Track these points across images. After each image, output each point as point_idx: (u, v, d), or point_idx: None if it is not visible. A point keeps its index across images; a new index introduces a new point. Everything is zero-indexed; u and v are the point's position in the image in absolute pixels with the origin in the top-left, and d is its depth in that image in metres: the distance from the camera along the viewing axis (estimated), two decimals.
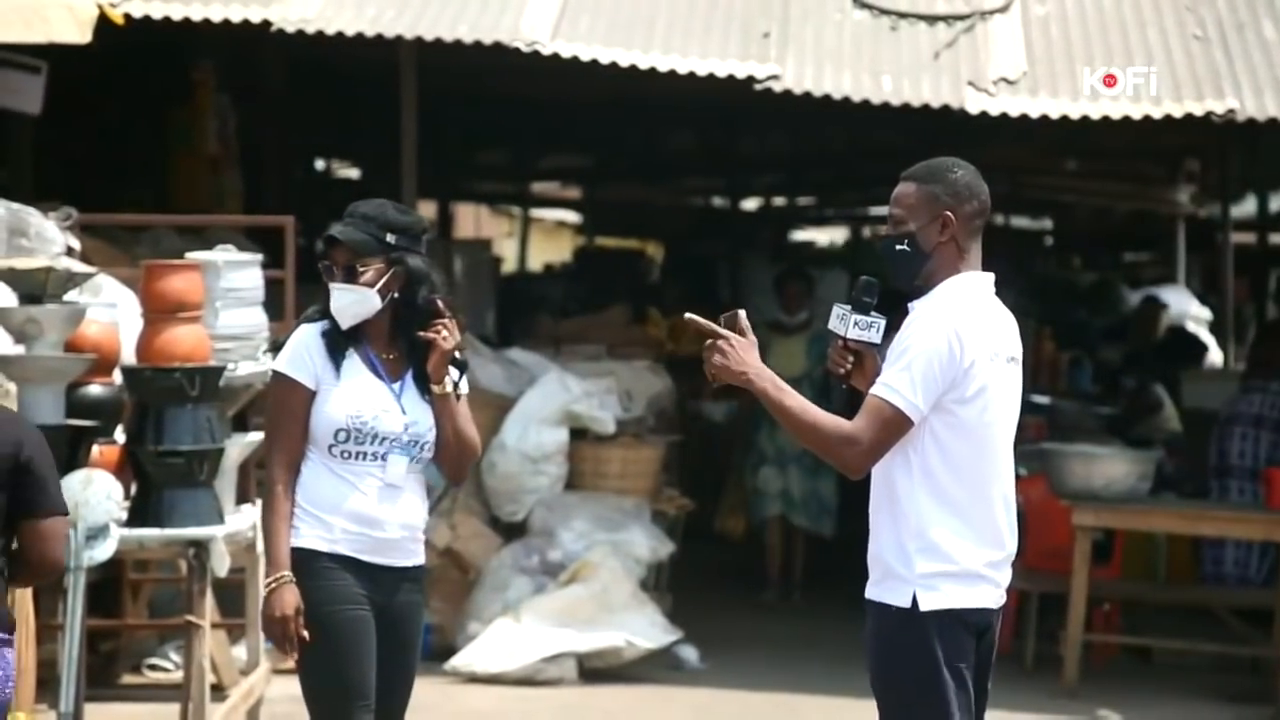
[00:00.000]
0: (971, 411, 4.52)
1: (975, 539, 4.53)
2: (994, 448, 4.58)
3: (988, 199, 4.66)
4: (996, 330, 4.60)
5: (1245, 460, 10.53)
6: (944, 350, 4.50)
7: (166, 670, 8.73)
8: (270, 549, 5.05)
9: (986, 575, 4.54)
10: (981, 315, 4.58)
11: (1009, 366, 4.60)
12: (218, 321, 7.29)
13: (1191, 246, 18.67)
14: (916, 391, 4.48)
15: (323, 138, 16.20)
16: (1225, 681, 9.62)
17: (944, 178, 4.66)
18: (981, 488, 4.56)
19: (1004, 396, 4.58)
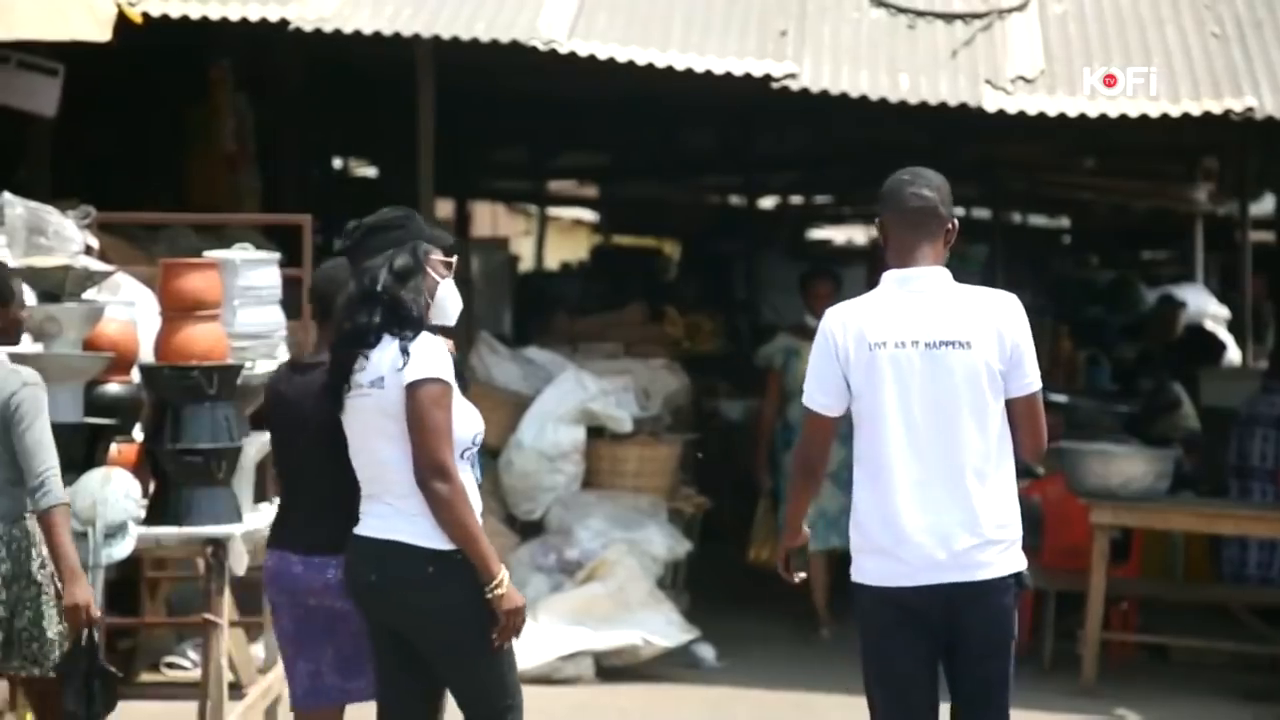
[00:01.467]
0: (862, 399, 5.02)
1: (880, 518, 4.99)
2: (888, 433, 4.98)
3: (906, 197, 5.09)
4: (898, 317, 5.00)
5: (1266, 462, 10.50)
6: (819, 346, 5.10)
7: (184, 668, 8.74)
8: (482, 546, 5.16)
9: (891, 552, 4.96)
10: (866, 308, 5.07)
11: (918, 352, 4.97)
12: (235, 320, 7.29)
13: (1210, 245, 18.62)
14: (811, 388, 5.12)
15: (340, 136, 16.21)
16: (1244, 680, 9.61)
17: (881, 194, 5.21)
18: (882, 470, 4.99)
19: (908, 380, 4.96)
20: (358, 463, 5.24)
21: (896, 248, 5.10)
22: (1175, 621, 10.32)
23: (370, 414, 5.17)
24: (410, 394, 5.10)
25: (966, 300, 5.04)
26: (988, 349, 4.97)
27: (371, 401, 5.16)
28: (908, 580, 4.95)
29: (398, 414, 5.12)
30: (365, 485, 5.23)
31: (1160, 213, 18.69)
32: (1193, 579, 10.75)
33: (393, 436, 5.15)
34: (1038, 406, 5.08)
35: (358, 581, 5.21)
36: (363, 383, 5.18)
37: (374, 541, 5.17)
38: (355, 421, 5.21)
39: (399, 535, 5.15)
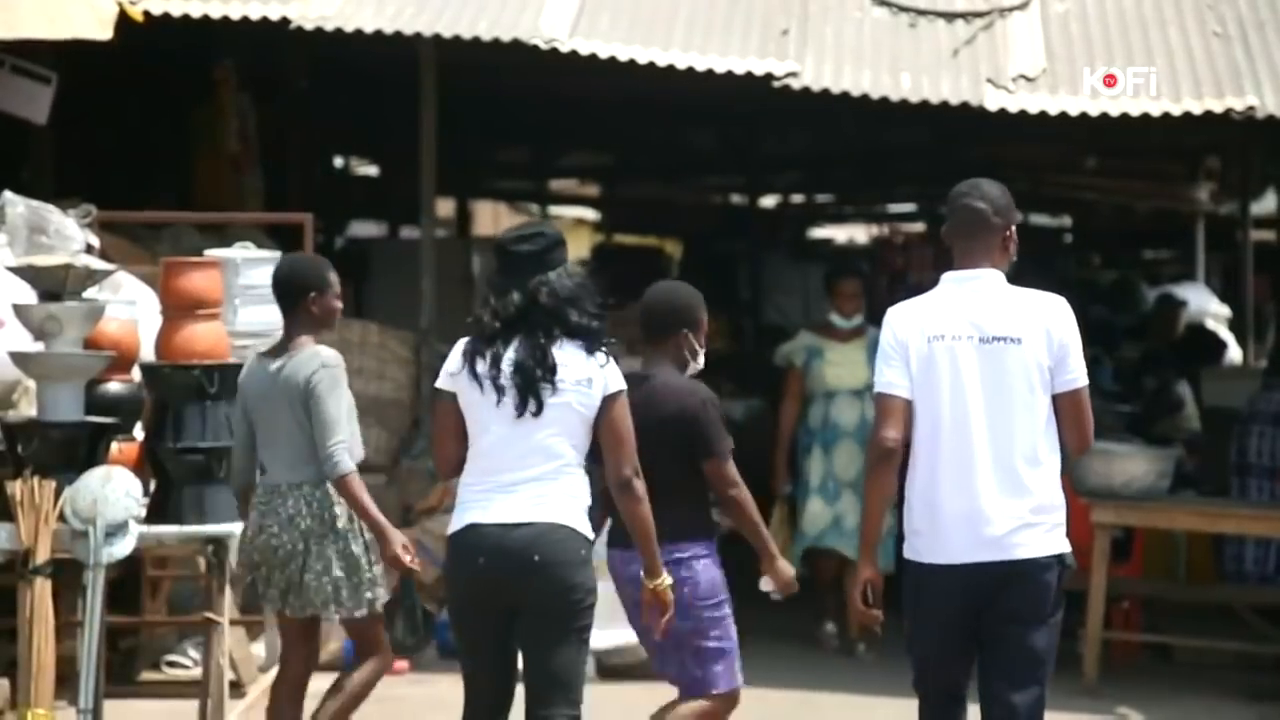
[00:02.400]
0: (920, 388, 5.42)
1: (930, 501, 5.42)
2: (941, 422, 5.39)
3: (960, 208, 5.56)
4: (954, 314, 5.43)
5: (1264, 459, 10.50)
6: (885, 339, 5.53)
7: (185, 667, 8.74)
8: (655, 542, 5.72)
9: (939, 533, 5.39)
10: (925, 305, 5.51)
11: (973, 345, 5.39)
12: (236, 319, 7.31)
13: (1211, 244, 18.62)
14: (880, 374, 5.51)
15: (343, 135, 16.22)
16: (1248, 680, 9.60)
17: None
18: (934, 455, 5.40)
19: (962, 371, 5.39)
20: (515, 453, 5.56)
21: (955, 252, 5.56)
22: (1178, 621, 10.31)
23: (566, 411, 5.56)
24: (612, 401, 5.60)
25: (1018, 300, 5.48)
26: (1037, 346, 5.39)
27: (576, 399, 5.57)
28: (954, 558, 5.37)
29: (590, 415, 5.58)
30: (520, 476, 5.56)
31: (1162, 212, 18.69)
32: (1195, 579, 10.74)
33: (577, 435, 5.59)
34: (1083, 402, 5.46)
35: (518, 561, 5.50)
36: (568, 381, 5.56)
37: (543, 524, 5.52)
38: (547, 419, 5.56)
39: (568, 520, 5.55)
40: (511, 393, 5.57)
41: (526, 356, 5.58)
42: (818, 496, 9.94)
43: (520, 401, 5.56)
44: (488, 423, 5.61)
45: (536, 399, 5.55)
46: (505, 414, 5.58)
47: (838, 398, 9.89)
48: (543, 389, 5.56)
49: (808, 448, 9.98)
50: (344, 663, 9.24)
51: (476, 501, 5.63)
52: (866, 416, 9.48)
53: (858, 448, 9.59)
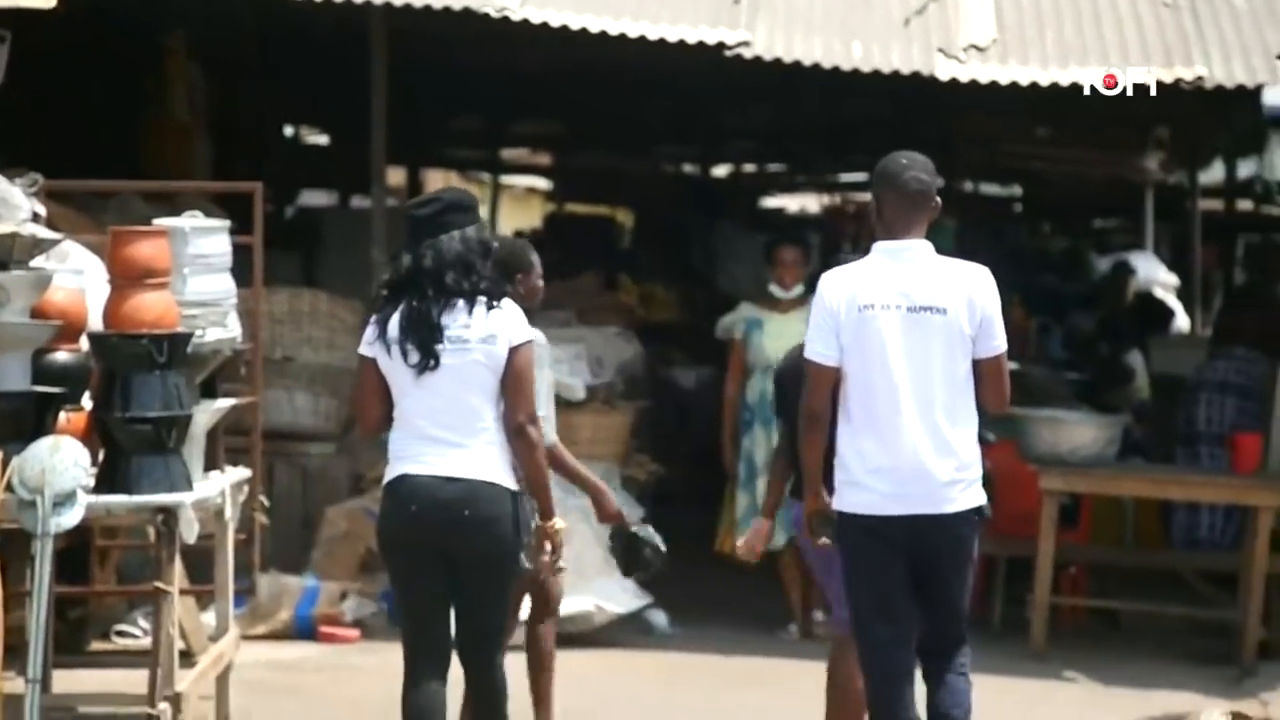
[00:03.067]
0: (850, 354, 5.75)
1: (861, 458, 5.75)
2: (872, 385, 5.73)
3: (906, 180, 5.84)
4: (884, 283, 5.74)
5: (1212, 426, 10.57)
6: (818, 306, 5.84)
7: (135, 637, 8.74)
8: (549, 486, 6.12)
9: (869, 486, 5.74)
10: (857, 273, 5.82)
11: (901, 314, 5.72)
12: (186, 288, 7.26)
13: (1160, 214, 18.71)
14: (813, 342, 5.83)
15: (293, 104, 16.14)
16: (1193, 644, 9.69)
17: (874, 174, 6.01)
18: (865, 415, 5.76)
19: (891, 338, 5.71)
20: (431, 408, 5.88)
21: (889, 222, 5.85)
22: (1125, 587, 10.39)
23: (473, 367, 5.89)
24: (515, 353, 5.92)
25: (945, 271, 5.81)
26: (960, 315, 5.73)
27: (479, 355, 5.90)
28: (883, 510, 5.75)
29: (498, 369, 5.90)
30: (439, 429, 5.89)
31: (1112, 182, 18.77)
32: (1142, 545, 10.82)
33: (487, 388, 5.92)
34: (1002, 366, 5.86)
35: (450, 514, 5.85)
36: (470, 339, 5.89)
37: (473, 482, 5.87)
38: (452, 374, 5.89)
39: (489, 476, 5.89)
40: (411, 352, 5.91)
41: (414, 317, 5.91)
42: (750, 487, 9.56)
43: (419, 360, 5.90)
44: (403, 384, 5.96)
45: (432, 357, 5.88)
46: (411, 373, 5.93)
47: None
48: (436, 346, 5.88)
49: (748, 424, 9.65)
50: (294, 631, 9.27)
51: (408, 456, 5.95)
52: None
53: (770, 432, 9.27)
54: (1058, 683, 8.85)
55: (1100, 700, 8.38)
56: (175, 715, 6.78)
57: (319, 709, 7.87)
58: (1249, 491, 9.36)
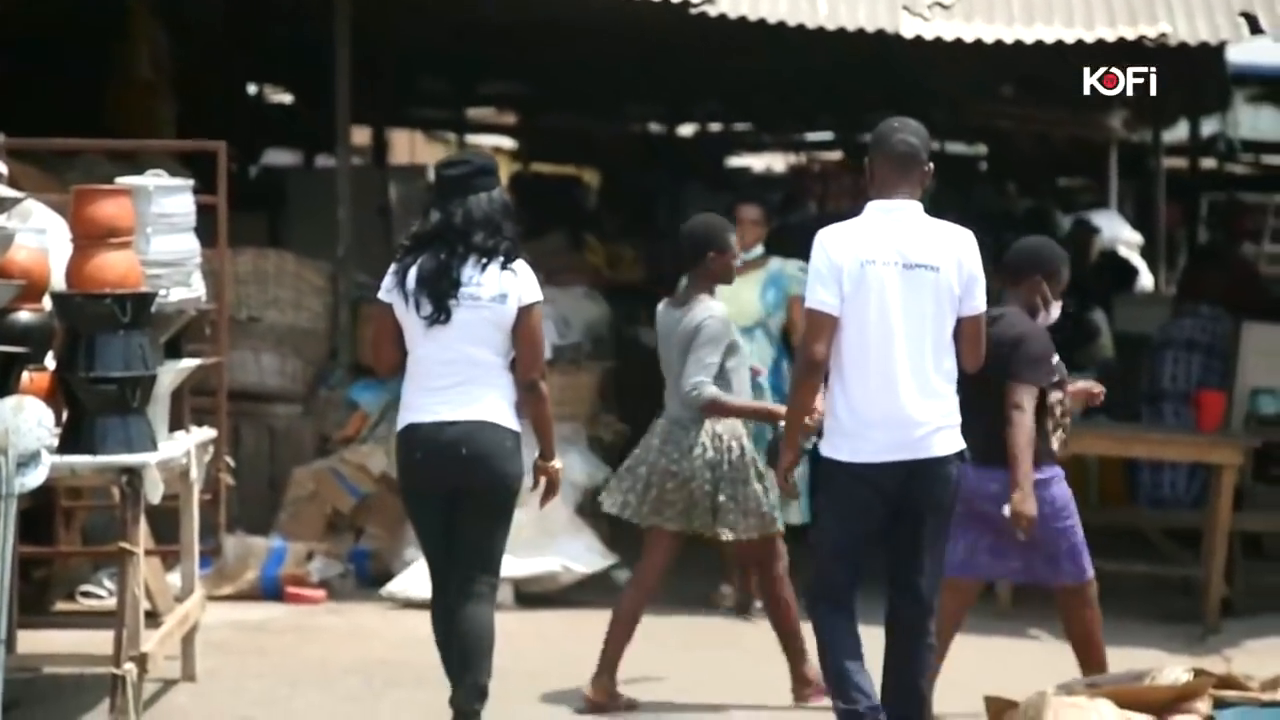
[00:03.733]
0: (851, 305, 6.04)
1: (855, 406, 6.06)
2: (869, 336, 6.02)
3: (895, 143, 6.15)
4: (882, 240, 6.05)
5: (1178, 384, 10.61)
6: (821, 258, 6.10)
7: (100, 597, 8.72)
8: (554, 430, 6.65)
9: (863, 435, 6.05)
10: (856, 230, 6.11)
11: (898, 270, 6.02)
12: (149, 247, 7.23)
13: (1125, 172, 18.75)
14: (814, 292, 6.10)
15: (257, 63, 16.05)
16: (1157, 602, 9.73)
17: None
18: (861, 365, 6.05)
19: (888, 292, 6.02)
20: (440, 359, 6.32)
21: (881, 183, 6.16)
22: (1089, 545, 10.41)
23: (482, 323, 6.32)
24: (526, 312, 6.36)
25: (936, 231, 6.13)
26: (950, 274, 6.07)
27: (489, 314, 6.32)
28: (873, 457, 6.07)
29: (506, 326, 6.33)
30: (444, 379, 6.33)
31: (1077, 141, 18.79)
32: (1106, 503, 10.86)
33: (494, 343, 6.35)
34: (982, 325, 6.22)
35: (449, 454, 6.30)
36: (481, 296, 6.32)
37: (470, 422, 6.31)
38: (463, 328, 6.31)
39: (493, 417, 6.33)
40: (424, 304, 6.32)
41: (435, 270, 6.32)
42: None
43: (431, 311, 6.32)
44: (414, 333, 6.38)
45: (443, 309, 6.31)
46: (422, 324, 6.34)
47: None
48: (448, 300, 6.31)
49: None
50: (260, 591, 9.27)
51: (415, 405, 6.42)
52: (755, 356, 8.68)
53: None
54: (1023, 640, 8.89)
55: (1065, 658, 8.40)
56: (140, 675, 6.78)
57: (286, 669, 7.87)
58: (1212, 449, 9.39)
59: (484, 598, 6.39)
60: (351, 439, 10.11)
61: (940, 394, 6.11)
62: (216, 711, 7.15)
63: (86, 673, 7.30)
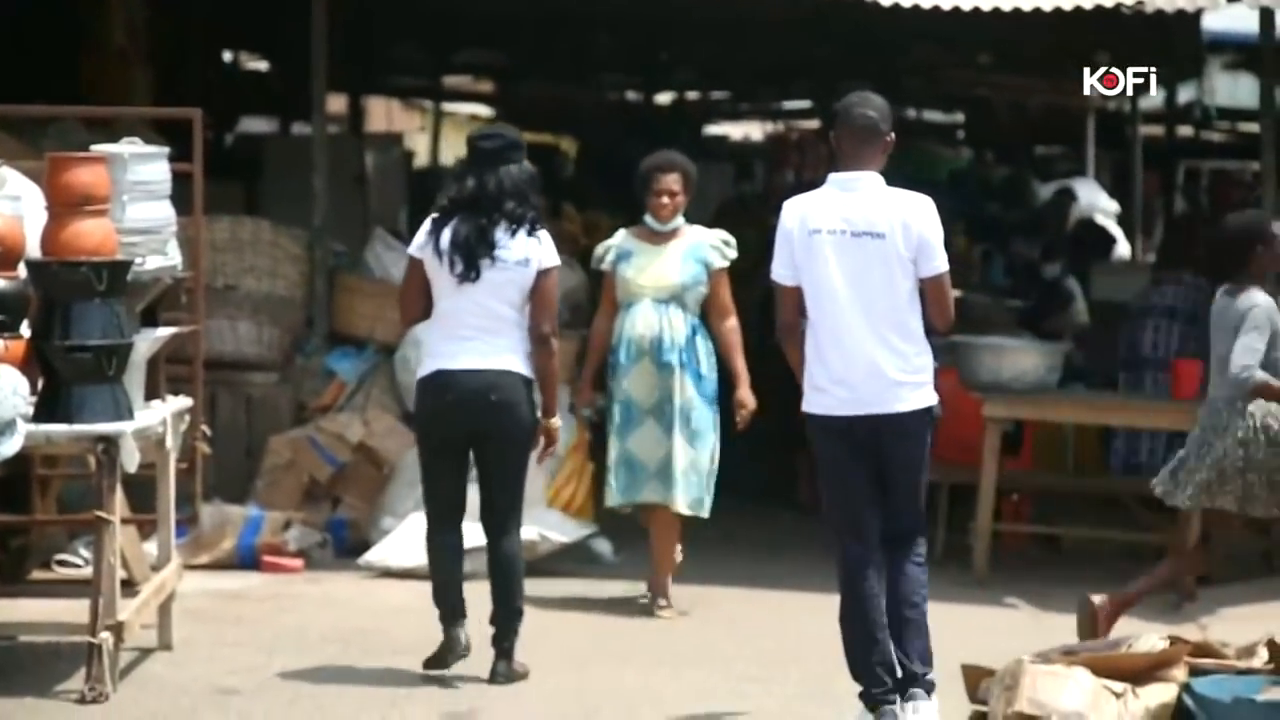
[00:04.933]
0: (803, 273, 6.37)
1: (823, 365, 6.38)
2: (822, 301, 6.34)
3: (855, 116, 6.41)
4: (830, 211, 6.35)
5: (1159, 352, 10.61)
6: (779, 231, 6.43)
7: (77, 566, 8.70)
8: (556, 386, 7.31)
9: (830, 391, 6.37)
10: (810, 201, 6.41)
11: (845, 239, 6.31)
12: (125, 215, 7.20)
13: (1102, 141, 18.74)
14: (776, 265, 6.44)
15: (232, 30, 15.97)
16: (1133, 569, 9.73)
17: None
18: (821, 328, 6.37)
19: (837, 260, 6.31)
20: (467, 311, 7.03)
21: (842, 155, 6.45)
22: (1066, 513, 10.45)
23: (507, 283, 7.04)
24: (544, 275, 7.09)
25: (886, 199, 6.38)
26: (896, 238, 6.31)
27: (515, 274, 7.05)
28: (844, 411, 6.37)
29: (526, 287, 7.05)
30: (469, 330, 7.04)
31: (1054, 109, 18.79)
32: (1083, 471, 10.88)
33: (515, 302, 7.07)
34: (943, 285, 6.43)
35: (479, 399, 7.02)
36: (508, 260, 7.04)
37: (496, 371, 7.04)
38: (489, 286, 7.03)
39: (514, 368, 7.08)
40: (457, 263, 7.02)
41: (470, 233, 7.02)
42: (618, 436, 8.46)
43: (463, 270, 7.02)
44: (444, 288, 7.08)
45: (475, 268, 7.01)
46: (454, 280, 7.03)
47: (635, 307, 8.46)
48: (481, 261, 7.01)
49: (619, 365, 8.51)
50: (237, 560, 9.25)
51: (442, 352, 7.11)
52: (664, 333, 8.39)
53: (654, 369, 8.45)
54: (999, 609, 8.91)
55: (1041, 625, 8.43)
56: (117, 644, 6.78)
57: (262, 638, 7.86)
58: (1188, 417, 9.36)
59: (514, 532, 7.19)
60: (329, 407, 10.09)
61: (902, 351, 6.36)
62: (193, 680, 7.14)
63: (63, 641, 7.28)
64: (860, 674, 6.41)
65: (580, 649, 7.84)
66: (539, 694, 7.08)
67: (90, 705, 6.67)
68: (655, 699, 7.06)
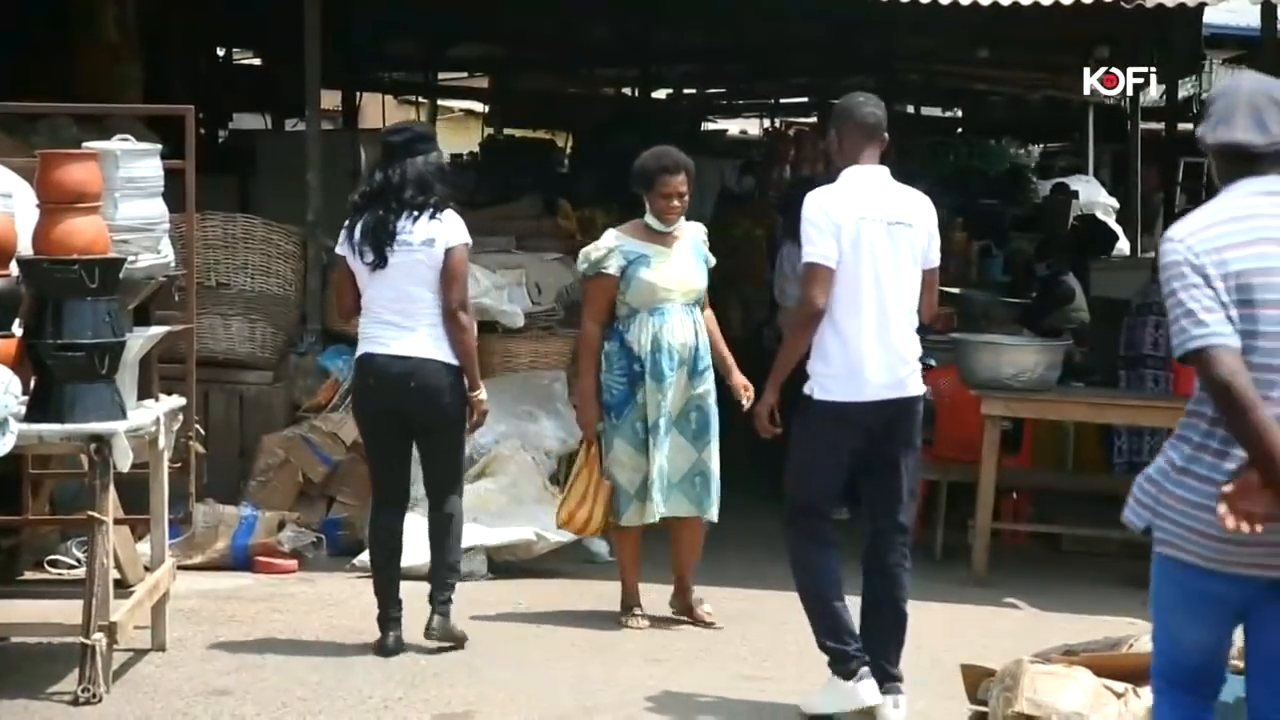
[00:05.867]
0: (846, 259, 6.55)
1: (850, 351, 6.54)
2: (862, 287, 6.54)
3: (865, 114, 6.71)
4: (869, 201, 6.58)
5: (1159, 349, 10.57)
6: (810, 215, 6.58)
7: (69, 566, 8.64)
8: (477, 362, 7.50)
9: (853, 377, 6.53)
10: (848, 191, 6.62)
11: (884, 226, 6.57)
12: (117, 212, 7.13)
13: (1101, 136, 18.70)
14: (820, 248, 6.54)
15: (225, 25, 15.91)
16: (1132, 568, 9.70)
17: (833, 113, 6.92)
18: (853, 314, 6.54)
19: (876, 247, 6.57)
20: (385, 298, 7.38)
21: (853, 150, 6.69)
22: (1066, 511, 10.40)
23: (416, 264, 7.36)
24: (450, 253, 7.39)
25: (906, 194, 6.73)
26: (920, 230, 6.68)
27: (422, 256, 7.37)
28: (864, 397, 6.56)
29: (437, 266, 7.36)
30: (391, 314, 7.39)
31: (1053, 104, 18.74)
32: (1083, 469, 10.83)
33: (429, 282, 7.37)
34: (936, 278, 6.83)
35: (399, 385, 7.36)
36: (412, 243, 7.37)
37: (416, 359, 7.37)
38: (399, 270, 7.37)
39: (432, 354, 7.38)
40: (367, 253, 7.40)
41: (375, 223, 7.42)
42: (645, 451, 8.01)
43: (373, 259, 7.40)
44: (363, 278, 7.46)
45: (382, 256, 7.38)
46: (367, 269, 7.41)
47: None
48: (385, 249, 7.37)
49: (638, 376, 8.01)
50: (231, 561, 9.20)
51: (369, 337, 7.49)
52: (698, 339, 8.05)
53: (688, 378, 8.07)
54: (999, 609, 8.86)
55: (1041, 625, 8.39)
56: (110, 645, 6.73)
57: (256, 639, 7.81)
58: None
59: (453, 496, 7.57)
60: (323, 406, 10.03)
61: (914, 339, 6.69)
62: (187, 681, 7.09)
63: (55, 642, 7.24)
64: (833, 644, 6.63)
65: (576, 648, 7.78)
66: (534, 694, 7.03)
67: (83, 706, 6.62)
68: (652, 699, 7.01)
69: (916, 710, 6.85)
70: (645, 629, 8.15)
